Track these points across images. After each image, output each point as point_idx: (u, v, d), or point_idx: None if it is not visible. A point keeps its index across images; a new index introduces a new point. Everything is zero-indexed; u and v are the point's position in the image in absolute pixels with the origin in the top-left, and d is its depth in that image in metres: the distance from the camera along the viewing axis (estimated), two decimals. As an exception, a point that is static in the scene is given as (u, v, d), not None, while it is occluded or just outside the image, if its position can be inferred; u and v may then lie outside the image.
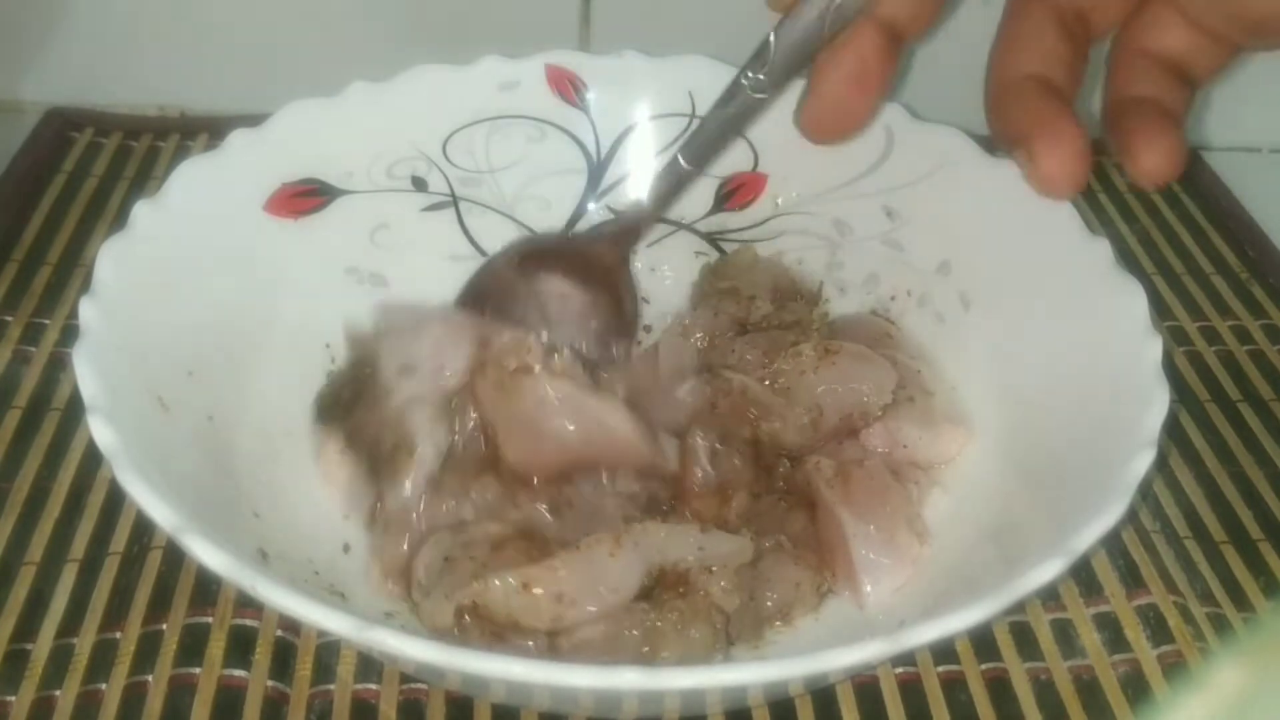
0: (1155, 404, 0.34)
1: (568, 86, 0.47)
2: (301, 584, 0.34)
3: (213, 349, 0.39)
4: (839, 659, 0.28)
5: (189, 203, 0.40)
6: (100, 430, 0.31)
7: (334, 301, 0.44)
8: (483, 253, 0.47)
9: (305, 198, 0.44)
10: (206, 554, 0.29)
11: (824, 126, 0.40)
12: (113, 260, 0.37)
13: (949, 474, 0.41)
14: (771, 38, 0.39)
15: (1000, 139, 0.39)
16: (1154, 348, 0.35)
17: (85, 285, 0.35)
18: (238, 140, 0.42)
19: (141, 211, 0.38)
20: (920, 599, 0.36)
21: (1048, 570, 0.30)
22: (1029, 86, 0.37)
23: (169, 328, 0.37)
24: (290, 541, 0.36)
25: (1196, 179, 0.60)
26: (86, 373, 0.32)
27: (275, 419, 0.40)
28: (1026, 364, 0.40)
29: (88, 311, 0.34)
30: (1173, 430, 0.46)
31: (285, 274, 0.42)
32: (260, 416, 0.39)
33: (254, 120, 0.43)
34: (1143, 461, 0.32)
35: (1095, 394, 0.36)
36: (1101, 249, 0.39)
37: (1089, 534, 0.30)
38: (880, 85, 0.39)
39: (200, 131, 0.57)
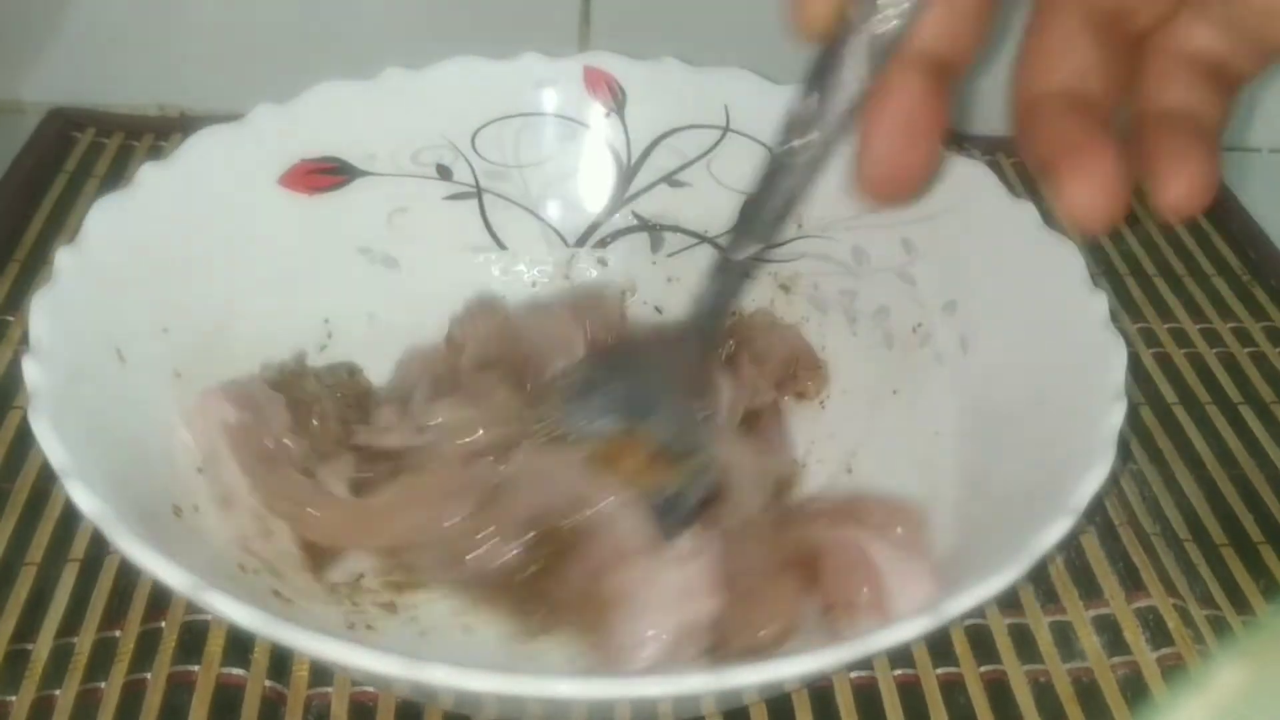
0: (1093, 473, 0.32)
1: (605, 90, 0.47)
2: (203, 544, 0.34)
3: (199, 310, 0.39)
4: (655, 687, 0.28)
5: (199, 168, 0.40)
6: (30, 371, 0.31)
7: (342, 279, 0.44)
8: (502, 245, 0.47)
9: (324, 175, 0.44)
10: (80, 498, 0.29)
11: (881, 189, 0.33)
12: (104, 215, 0.37)
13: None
14: (812, 93, 0.33)
15: (1030, 164, 0.33)
16: (1115, 413, 0.34)
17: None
18: (261, 113, 0.42)
19: (147, 171, 0.39)
20: None
21: (908, 629, 0.29)
22: (1057, 104, 0.32)
23: (151, 285, 0.37)
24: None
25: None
26: (38, 317, 0.33)
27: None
28: (997, 415, 0.39)
29: (63, 259, 0.35)
30: (1173, 432, 0.46)
31: (292, 247, 0.43)
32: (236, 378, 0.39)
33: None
34: (1059, 528, 0.31)
35: (1047, 452, 0.35)
36: (1097, 304, 0.38)
37: (963, 601, 0.29)
38: (932, 133, 0.33)
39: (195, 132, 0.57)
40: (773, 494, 0.40)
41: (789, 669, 0.28)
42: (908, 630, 0.29)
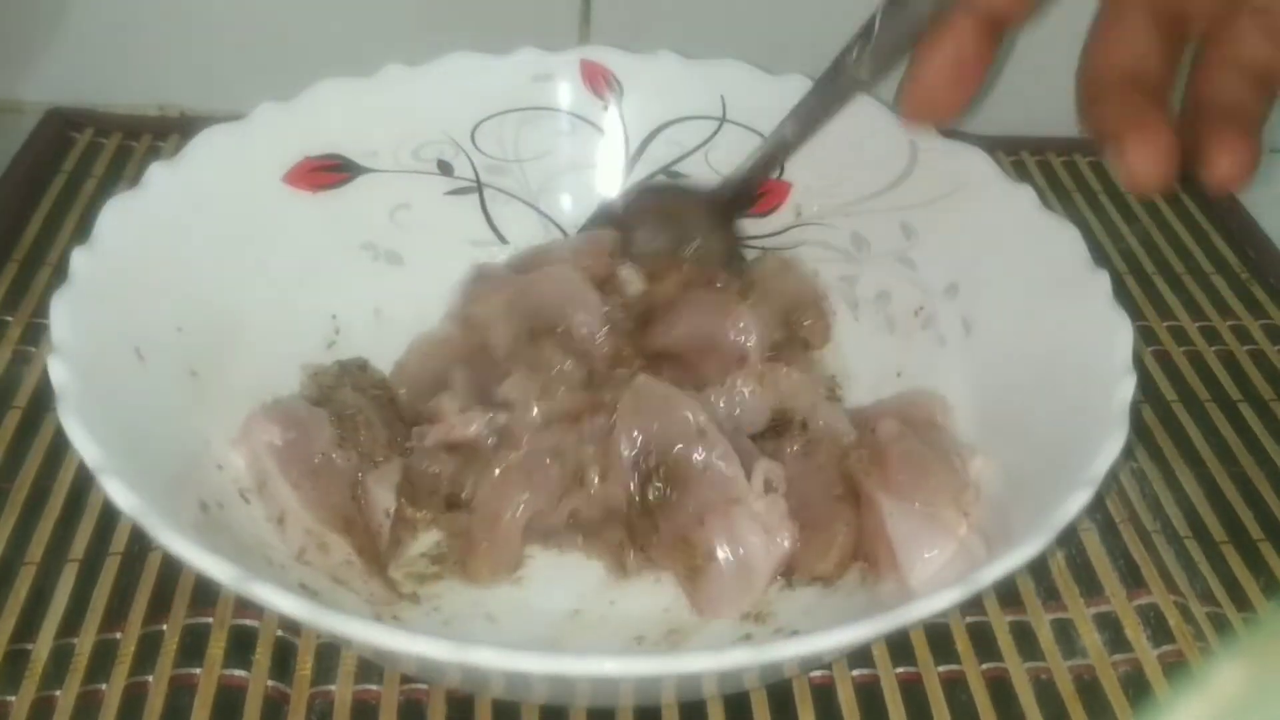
0: (1108, 445, 0.33)
1: (602, 83, 0.48)
2: (234, 540, 0.34)
3: (210, 309, 0.39)
4: (696, 663, 0.28)
5: (206, 167, 0.41)
6: (56, 371, 0.31)
7: (346, 275, 0.44)
8: (503, 239, 0.48)
9: (327, 172, 0.44)
10: (119, 494, 0.29)
11: (920, 114, 0.40)
12: (116, 215, 0.37)
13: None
14: (876, 22, 0.40)
15: (1091, 134, 0.38)
16: (1125, 388, 0.34)
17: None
18: (264, 111, 0.43)
19: (156, 171, 0.39)
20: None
21: (941, 600, 0.29)
22: (1121, 84, 0.37)
23: (164, 284, 0.38)
24: (247, 497, 0.37)
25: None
26: (59, 317, 0.33)
27: (266, 381, 0.40)
28: (1007, 394, 0.39)
29: (78, 259, 0.35)
30: (1173, 430, 0.46)
31: (298, 244, 0.43)
32: (251, 377, 0.40)
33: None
34: (1080, 499, 0.31)
35: (1060, 428, 0.36)
36: (1100, 282, 0.38)
37: (994, 570, 0.30)
38: (976, 77, 0.39)
39: (200, 131, 0.57)
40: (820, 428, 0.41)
41: (825, 642, 0.29)
42: (941, 600, 0.29)
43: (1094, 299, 0.38)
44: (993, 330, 0.41)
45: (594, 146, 0.48)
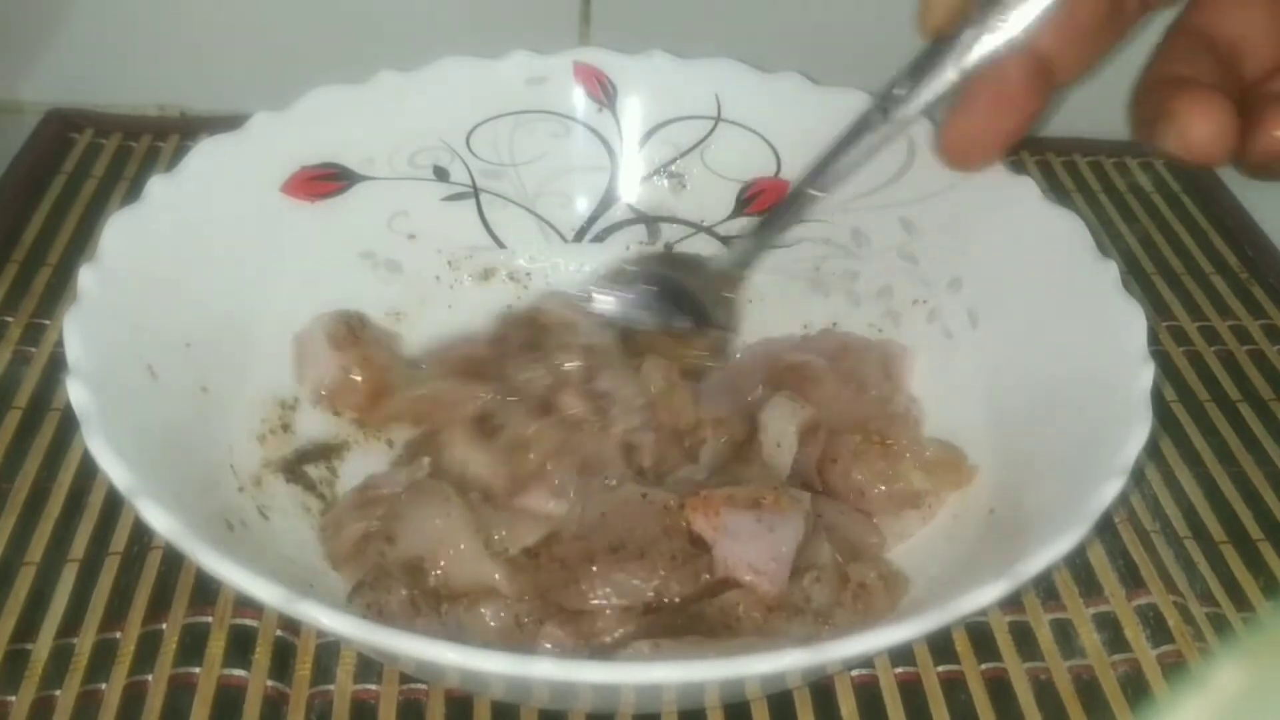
0: (1135, 433, 0.33)
1: (595, 85, 0.48)
2: (261, 557, 0.34)
3: (215, 323, 0.39)
4: (755, 665, 0.28)
5: (205, 179, 0.40)
6: (76, 392, 0.31)
7: (347, 284, 0.44)
8: (501, 244, 0.48)
9: (324, 181, 0.44)
10: (155, 517, 0.29)
11: (959, 156, 0.40)
12: (120, 231, 0.37)
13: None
14: (914, 65, 0.39)
15: (1143, 125, 0.36)
16: (1145, 375, 0.34)
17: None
18: (260, 121, 0.42)
19: (156, 185, 0.39)
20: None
21: (989, 593, 0.29)
22: (1172, 78, 0.36)
23: (170, 299, 0.38)
24: (266, 514, 0.37)
25: (1196, 179, 0.60)
26: (73, 337, 0.33)
27: (274, 396, 0.40)
28: (1023, 385, 0.39)
29: (86, 278, 0.35)
30: (1172, 430, 0.46)
31: (298, 255, 0.43)
32: (259, 390, 0.40)
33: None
34: (1110, 490, 0.31)
35: (1081, 418, 0.36)
36: (1109, 272, 0.38)
37: (1038, 561, 0.30)
38: (1021, 121, 0.38)
39: (200, 131, 0.57)
40: None
41: (875, 642, 0.29)
42: (986, 595, 0.29)
43: (1103, 288, 0.38)
44: (1000, 323, 0.41)
45: (589, 149, 0.48)
